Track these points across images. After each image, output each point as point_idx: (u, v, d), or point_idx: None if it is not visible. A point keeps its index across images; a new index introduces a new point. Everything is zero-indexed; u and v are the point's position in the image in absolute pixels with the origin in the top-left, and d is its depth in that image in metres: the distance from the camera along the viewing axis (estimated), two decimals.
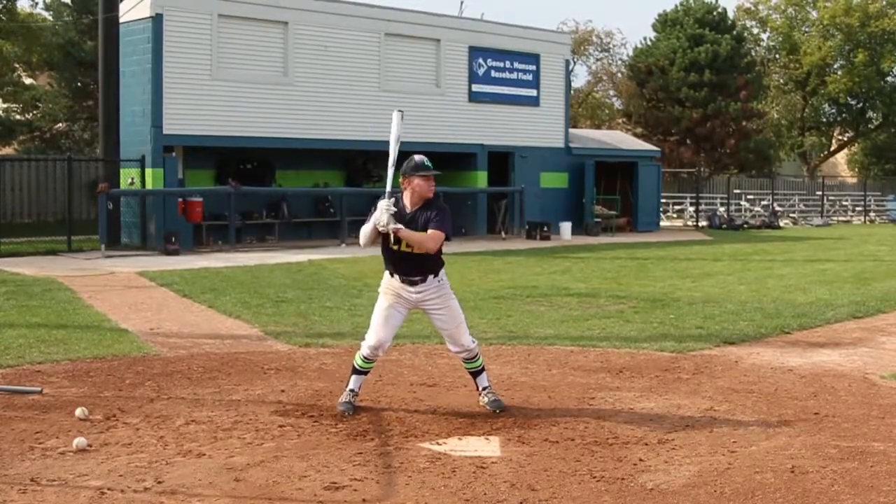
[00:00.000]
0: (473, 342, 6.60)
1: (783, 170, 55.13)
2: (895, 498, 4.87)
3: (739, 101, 42.39)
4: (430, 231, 6.28)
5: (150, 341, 9.34)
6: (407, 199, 6.39)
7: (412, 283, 6.40)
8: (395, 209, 6.23)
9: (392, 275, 6.47)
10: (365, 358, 6.52)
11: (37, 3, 32.85)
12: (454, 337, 6.52)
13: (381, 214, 6.20)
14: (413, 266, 6.38)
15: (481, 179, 26.75)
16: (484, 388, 6.64)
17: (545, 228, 25.66)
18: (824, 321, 11.01)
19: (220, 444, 5.70)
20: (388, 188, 6.39)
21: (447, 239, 6.40)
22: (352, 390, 6.57)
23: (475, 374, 6.67)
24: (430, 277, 6.42)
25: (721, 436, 5.99)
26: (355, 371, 6.59)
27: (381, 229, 6.23)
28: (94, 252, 19.21)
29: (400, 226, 6.21)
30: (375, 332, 6.45)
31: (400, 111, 6.66)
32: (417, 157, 6.40)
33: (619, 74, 48.97)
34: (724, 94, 42.14)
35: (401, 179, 6.45)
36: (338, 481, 5.03)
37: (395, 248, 6.35)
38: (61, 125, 32.62)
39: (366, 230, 6.34)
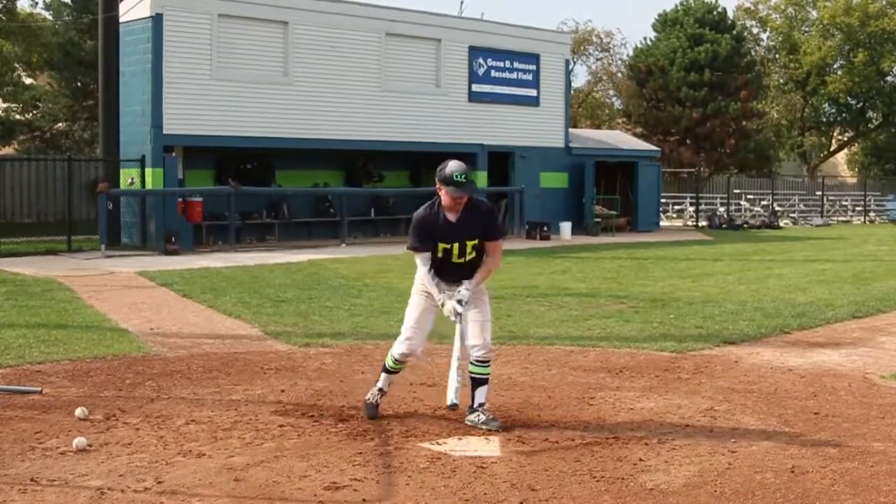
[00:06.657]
0: (494, 344, 6.43)
1: (783, 170, 55.10)
2: (895, 498, 4.87)
3: (739, 101, 42.42)
4: (490, 248, 6.21)
5: (150, 341, 9.34)
6: (444, 205, 6.13)
7: (456, 284, 6.24)
8: (460, 308, 6.11)
9: (433, 277, 6.24)
10: (396, 360, 6.36)
11: (37, 3, 32.88)
12: (479, 332, 6.17)
13: (450, 311, 6.10)
14: (464, 275, 6.22)
15: (481, 179, 26.71)
16: (480, 405, 6.19)
17: (545, 228, 25.65)
18: (824, 321, 11.00)
19: (220, 444, 5.69)
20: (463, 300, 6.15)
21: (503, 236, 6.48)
22: (381, 389, 6.42)
23: (478, 383, 6.23)
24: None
25: (721, 436, 5.99)
26: (386, 370, 6.44)
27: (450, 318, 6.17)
28: (94, 252, 19.21)
29: (468, 301, 6.13)
30: (409, 335, 6.27)
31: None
32: (451, 166, 5.99)
33: (619, 74, 49.00)
34: (724, 94, 42.17)
35: (436, 182, 6.12)
36: (338, 481, 5.02)
37: (461, 261, 6.18)
38: (61, 125, 32.66)
39: (425, 276, 6.21)
